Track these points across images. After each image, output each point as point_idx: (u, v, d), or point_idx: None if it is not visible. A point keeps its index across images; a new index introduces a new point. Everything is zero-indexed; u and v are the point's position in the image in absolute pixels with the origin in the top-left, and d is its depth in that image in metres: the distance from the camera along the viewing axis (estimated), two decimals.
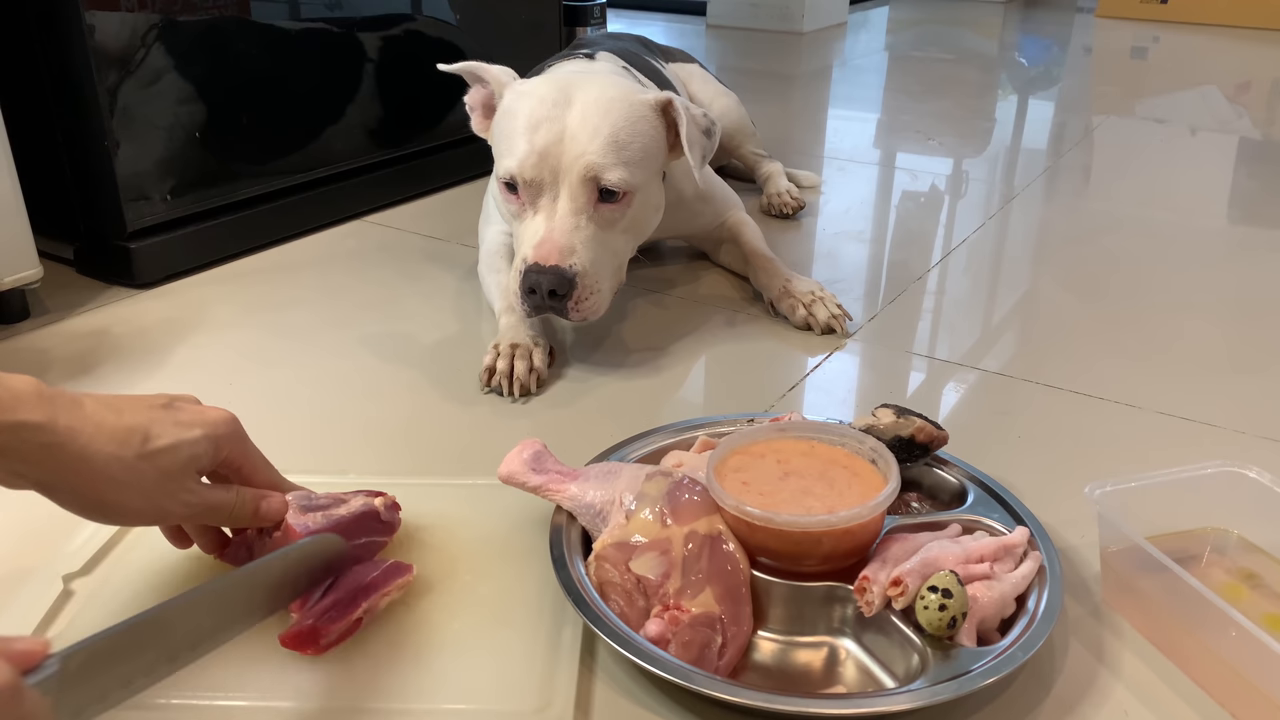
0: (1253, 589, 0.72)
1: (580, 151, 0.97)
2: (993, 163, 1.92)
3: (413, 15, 1.55)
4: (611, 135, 0.98)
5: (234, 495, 0.65)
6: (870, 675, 0.64)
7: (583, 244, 0.98)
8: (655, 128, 1.04)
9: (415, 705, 0.60)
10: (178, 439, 0.60)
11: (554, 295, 0.97)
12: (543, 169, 0.98)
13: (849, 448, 0.74)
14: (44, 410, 0.56)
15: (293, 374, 1.04)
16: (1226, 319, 1.21)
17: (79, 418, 0.57)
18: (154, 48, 1.19)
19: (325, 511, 0.68)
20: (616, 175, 0.98)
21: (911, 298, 1.27)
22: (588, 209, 0.99)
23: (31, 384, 0.56)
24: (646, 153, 1.02)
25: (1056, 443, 0.93)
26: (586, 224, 0.99)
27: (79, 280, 1.26)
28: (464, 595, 0.69)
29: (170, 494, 0.61)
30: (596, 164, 0.97)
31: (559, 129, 0.98)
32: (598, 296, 1.00)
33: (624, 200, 1.00)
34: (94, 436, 0.57)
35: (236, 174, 1.34)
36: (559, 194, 0.99)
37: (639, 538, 0.67)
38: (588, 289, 0.98)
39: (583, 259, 0.98)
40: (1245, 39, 3.38)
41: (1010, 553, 0.68)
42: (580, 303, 0.98)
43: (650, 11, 3.79)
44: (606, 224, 1.01)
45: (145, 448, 0.59)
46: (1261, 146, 2.07)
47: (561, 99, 1.00)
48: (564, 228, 0.98)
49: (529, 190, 1.00)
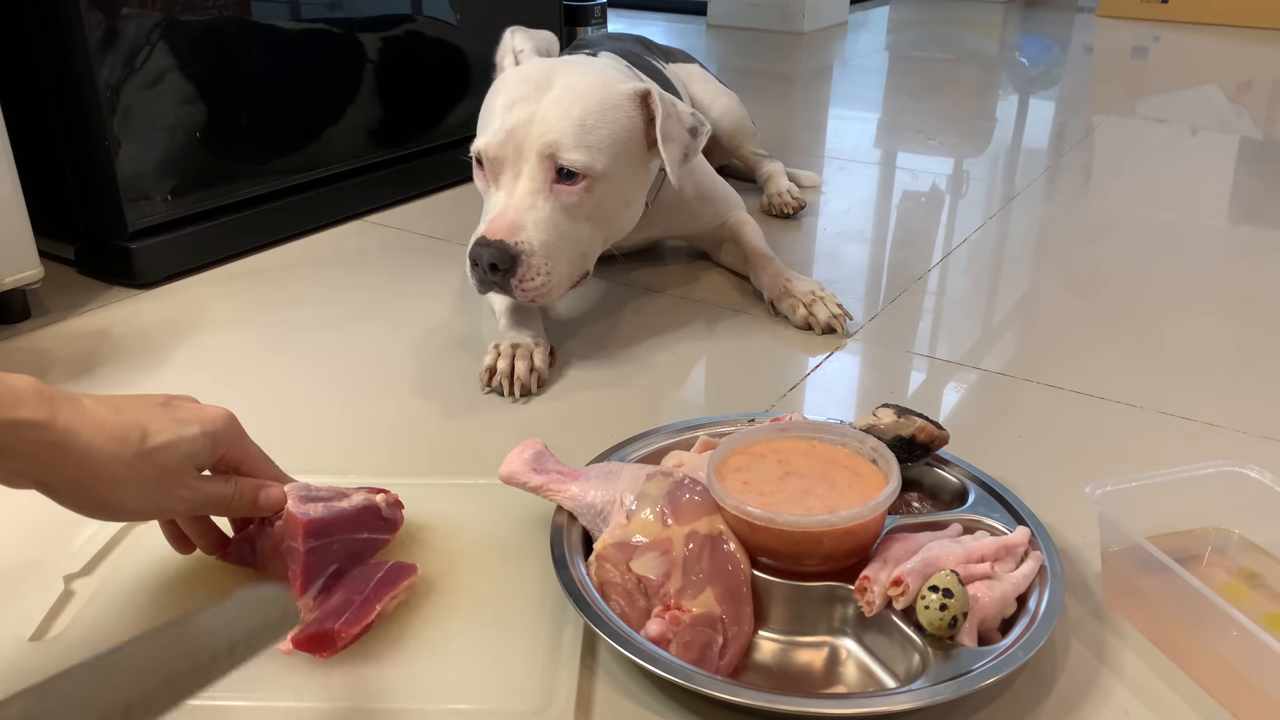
0: (1254, 589, 0.72)
1: (544, 131, 0.97)
2: (993, 162, 1.92)
3: (413, 15, 1.55)
4: (580, 118, 0.98)
5: (232, 487, 0.65)
6: (871, 675, 0.64)
7: (535, 224, 0.97)
8: (630, 117, 1.02)
9: (415, 705, 0.60)
10: (176, 436, 0.61)
11: (496, 270, 0.96)
12: (508, 147, 0.98)
13: (850, 447, 0.74)
14: (44, 409, 0.56)
15: (293, 374, 1.04)
16: (1228, 318, 1.21)
17: (78, 416, 0.57)
18: (155, 48, 1.19)
19: (326, 503, 0.68)
20: (575, 155, 0.97)
21: (912, 297, 1.27)
22: (545, 188, 0.98)
23: (31, 383, 0.56)
24: (614, 140, 1.00)
25: (1057, 442, 0.93)
26: (543, 204, 0.98)
27: (80, 280, 1.26)
28: (465, 595, 0.69)
29: (169, 490, 0.61)
30: (555, 142, 0.97)
31: (532, 109, 0.98)
32: (546, 280, 0.98)
33: (584, 184, 0.99)
34: (93, 435, 0.57)
35: (237, 174, 1.34)
36: (521, 172, 0.99)
37: (640, 538, 0.67)
38: (534, 269, 0.97)
39: (532, 238, 0.96)
40: (1246, 38, 3.38)
41: (1011, 552, 0.68)
42: (524, 282, 0.97)
43: (650, 11, 3.79)
44: (567, 209, 0.99)
45: (144, 445, 0.59)
46: (1262, 146, 2.07)
47: (543, 81, 1.00)
48: (519, 205, 0.97)
49: (494, 167, 1.00)
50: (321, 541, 0.66)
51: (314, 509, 0.67)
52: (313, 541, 0.66)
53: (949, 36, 3.48)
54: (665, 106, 1.02)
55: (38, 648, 0.64)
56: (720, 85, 1.59)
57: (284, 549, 0.67)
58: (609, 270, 1.31)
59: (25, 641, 0.64)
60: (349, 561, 0.68)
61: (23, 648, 0.64)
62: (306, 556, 0.65)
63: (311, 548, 0.66)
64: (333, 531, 0.67)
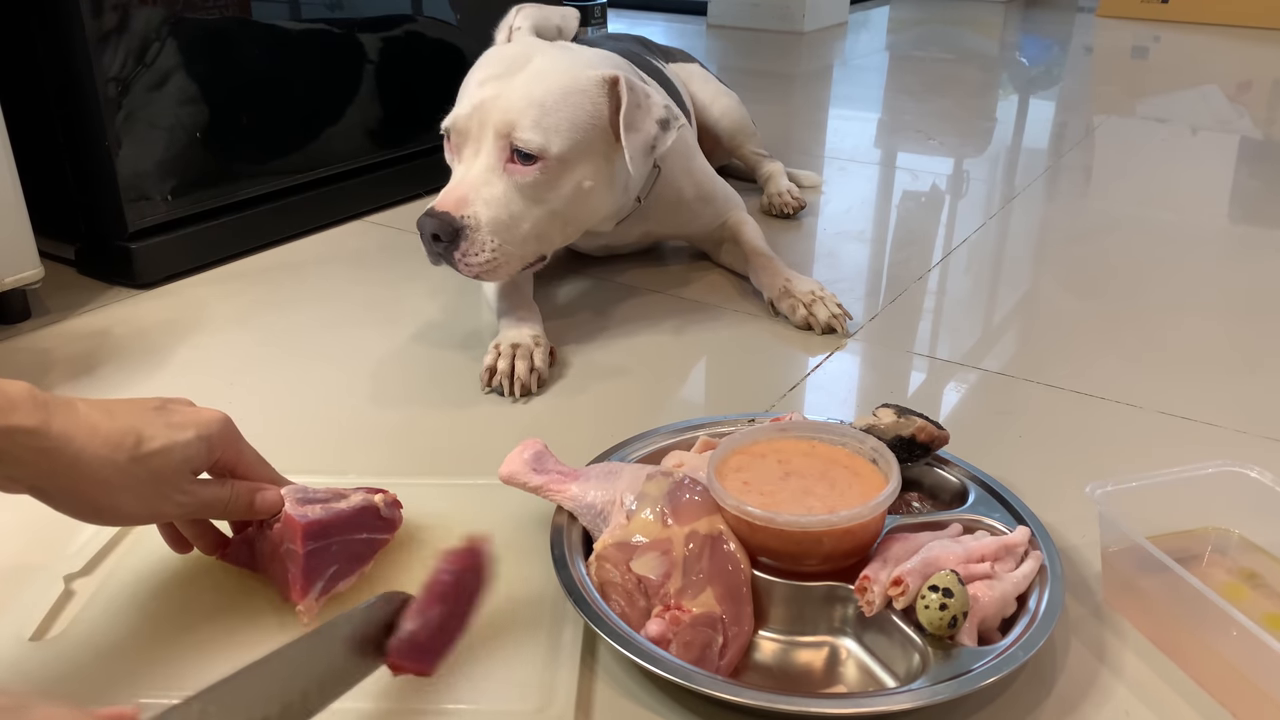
0: (1254, 589, 0.72)
1: (505, 109, 0.98)
2: (993, 162, 1.92)
3: (413, 15, 1.55)
4: (541, 98, 0.98)
5: (228, 490, 0.65)
6: (871, 675, 0.64)
7: (486, 200, 0.97)
8: (595, 103, 1.02)
9: (415, 705, 0.60)
10: (171, 441, 0.61)
11: (438, 241, 0.96)
12: (472, 121, 0.99)
13: (850, 447, 0.74)
14: (38, 415, 0.56)
15: (293, 374, 1.04)
16: (1228, 318, 1.21)
17: (72, 422, 0.57)
18: (155, 48, 1.19)
19: (324, 505, 0.68)
20: (530, 135, 0.97)
21: (912, 297, 1.27)
22: (499, 166, 0.98)
23: (25, 389, 0.56)
24: (574, 124, 1.00)
25: (1057, 442, 0.93)
26: (496, 181, 0.98)
27: (80, 280, 1.26)
28: None
29: (164, 495, 0.61)
30: (511, 120, 0.97)
31: (501, 88, 0.99)
32: (491, 256, 0.98)
33: (539, 166, 0.98)
34: (87, 440, 0.57)
35: (237, 174, 1.34)
36: (480, 149, 0.99)
37: (640, 538, 0.67)
38: (478, 245, 0.97)
39: (479, 214, 0.97)
40: (1246, 38, 3.38)
41: (1011, 552, 0.68)
42: (468, 256, 0.97)
43: (651, 11, 3.79)
44: (520, 189, 0.99)
45: (139, 450, 0.59)
46: (1262, 146, 2.07)
47: (518, 62, 1.01)
48: (474, 181, 0.98)
49: (459, 141, 1.00)
50: (320, 544, 0.66)
51: (312, 511, 0.67)
52: (311, 544, 0.66)
53: (949, 36, 3.48)
54: (634, 95, 1.01)
55: (38, 648, 0.64)
56: (720, 85, 1.59)
57: (283, 551, 0.66)
58: (609, 270, 1.31)
59: (25, 641, 0.64)
60: (348, 563, 0.68)
61: (23, 648, 0.64)
62: (305, 559, 0.65)
63: (310, 550, 0.66)
64: (331, 533, 0.67)
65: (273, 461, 0.70)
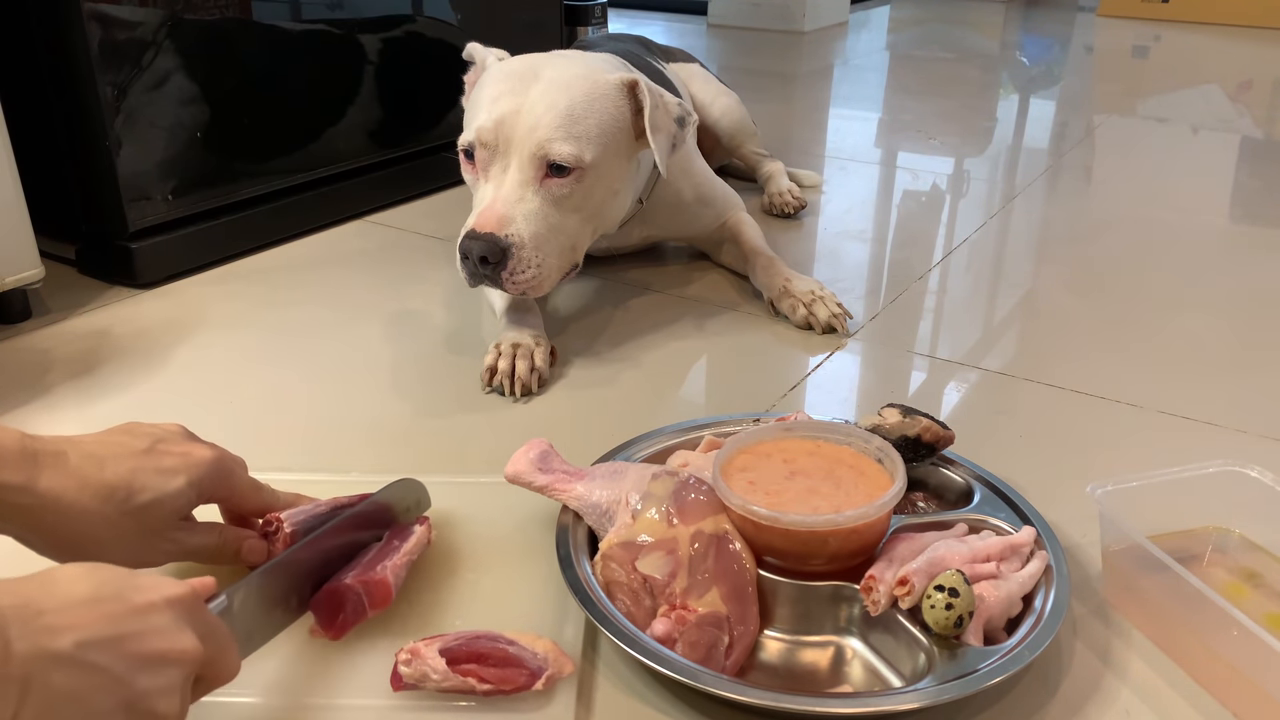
0: (1254, 588, 0.72)
1: (534, 124, 0.97)
2: (994, 162, 1.92)
3: (413, 15, 1.55)
4: (567, 109, 0.98)
5: (216, 538, 0.66)
6: (877, 674, 0.64)
7: (524, 216, 0.97)
8: (618, 107, 1.02)
9: (420, 700, 0.60)
10: (160, 493, 0.61)
11: (486, 263, 0.96)
12: (497, 138, 0.98)
13: (855, 447, 0.74)
14: (25, 470, 0.56)
15: (294, 374, 1.04)
16: (1228, 318, 1.21)
17: (61, 476, 0.57)
18: (156, 48, 1.19)
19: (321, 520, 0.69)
20: (566, 149, 0.97)
21: (913, 297, 1.27)
22: (534, 182, 0.98)
23: (16, 440, 0.56)
24: (603, 130, 1.01)
25: (1058, 442, 0.93)
26: (532, 197, 0.98)
27: (81, 280, 1.26)
28: (468, 593, 0.69)
29: (152, 545, 0.62)
30: (546, 137, 0.97)
31: (519, 101, 0.98)
32: (536, 272, 0.98)
33: (574, 176, 0.99)
34: (76, 496, 0.57)
35: (238, 174, 1.34)
36: (509, 164, 0.99)
37: (645, 537, 0.67)
38: (524, 262, 0.97)
39: (521, 231, 0.97)
40: (1246, 38, 3.39)
41: (1017, 552, 0.68)
42: (515, 275, 0.97)
43: (651, 11, 3.79)
44: (555, 200, 0.99)
45: (128, 504, 0.59)
46: (1263, 145, 2.07)
47: (529, 74, 1.01)
48: (508, 198, 0.98)
49: (483, 158, 1.00)
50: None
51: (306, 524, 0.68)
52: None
53: (950, 36, 3.48)
54: (653, 97, 1.02)
55: None
56: (720, 85, 1.59)
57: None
58: (609, 270, 1.31)
59: None
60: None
61: None
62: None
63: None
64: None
65: (273, 461, 0.70)
